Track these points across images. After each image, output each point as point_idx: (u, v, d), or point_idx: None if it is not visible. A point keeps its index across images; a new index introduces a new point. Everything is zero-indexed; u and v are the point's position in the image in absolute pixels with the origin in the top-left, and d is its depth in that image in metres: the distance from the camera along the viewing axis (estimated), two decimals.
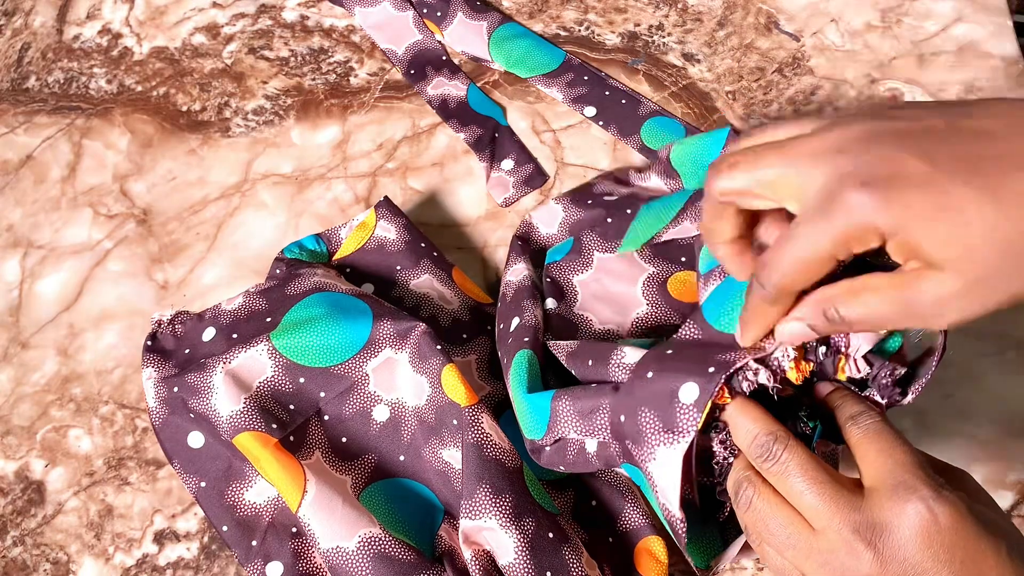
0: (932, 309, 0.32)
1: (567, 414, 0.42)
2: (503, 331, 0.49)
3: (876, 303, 0.33)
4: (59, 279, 0.59)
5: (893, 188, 0.31)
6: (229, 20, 0.69)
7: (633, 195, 0.56)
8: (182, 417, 0.49)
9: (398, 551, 0.44)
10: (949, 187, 0.31)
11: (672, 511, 0.38)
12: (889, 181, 0.31)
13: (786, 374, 0.38)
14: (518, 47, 0.65)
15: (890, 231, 0.31)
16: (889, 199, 0.31)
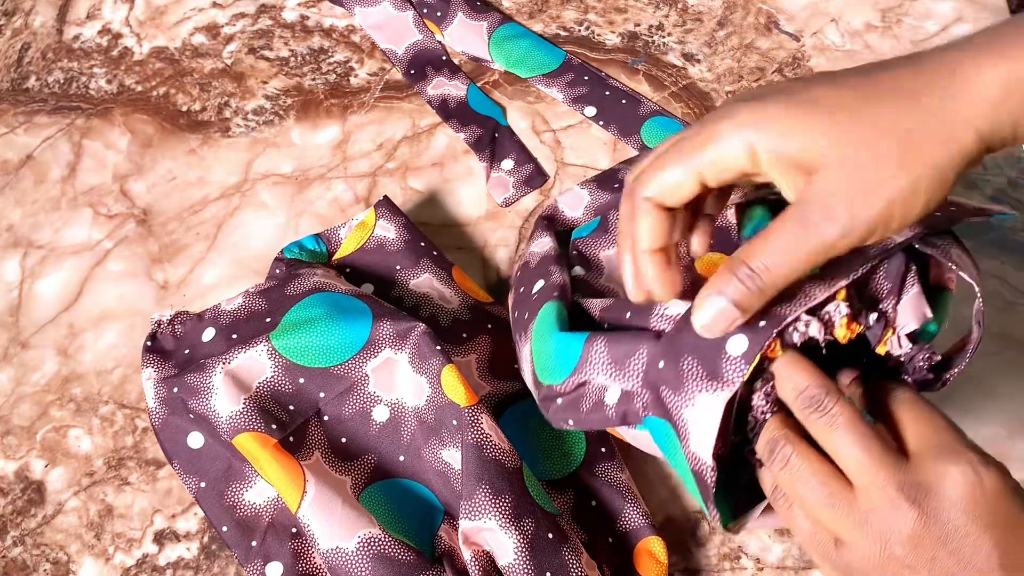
0: (823, 215, 0.31)
1: (599, 357, 0.40)
2: (523, 294, 0.48)
3: (779, 238, 0.32)
4: (59, 279, 0.59)
5: (755, 97, 0.32)
6: (229, 20, 0.69)
7: None
8: (182, 417, 0.49)
9: (398, 552, 0.44)
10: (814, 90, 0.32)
11: (704, 459, 0.36)
12: (752, 93, 0.33)
13: (835, 330, 0.36)
14: (518, 47, 0.65)
15: (756, 136, 0.32)
16: (752, 105, 0.32)
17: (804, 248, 0.32)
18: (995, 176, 0.58)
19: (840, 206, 0.31)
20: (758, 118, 0.32)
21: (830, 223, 0.31)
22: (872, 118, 0.31)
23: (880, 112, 0.31)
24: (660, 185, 0.35)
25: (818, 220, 0.31)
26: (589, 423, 0.41)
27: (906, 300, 0.38)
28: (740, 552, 0.49)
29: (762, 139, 0.32)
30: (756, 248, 0.33)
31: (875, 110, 0.31)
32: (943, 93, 0.31)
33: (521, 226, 0.59)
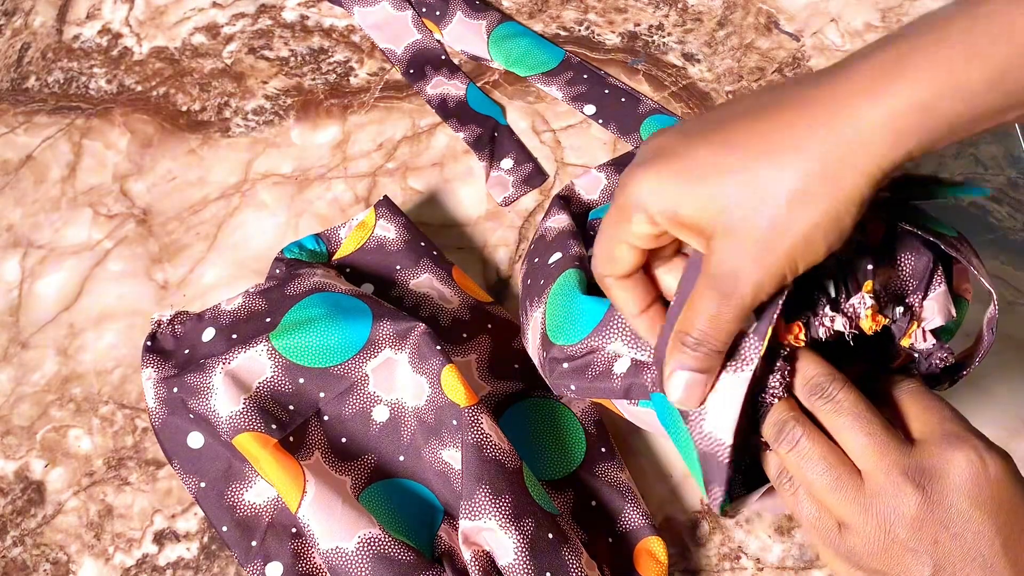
0: (730, 280, 0.32)
1: (620, 324, 0.40)
2: (538, 264, 0.48)
3: (704, 307, 0.34)
4: (59, 279, 0.59)
5: (652, 166, 0.33)
6: (229, 20, 0.69)
7: None
8: (182, 417, 0.49)
9: (398, 552, 0.44)
10: (700, 154, 0.33)
11: (722, 439, 0.35)
12: (646, 157, 0.34)
13: (861, 322, 0.37)
14: (517, 46, 0.65)
15: (656, 208, 0.33)
16: (644, 175, 0.33)
17: (728, 312, 0.33)
18: (995, 176, 0.58)
19: (743, 271, 0.32)
20: (651, 190, 0.33)
21: (740, 285, 0.32)
22: (760, 180, 0.31)
23: (767, 173, 0.31)
24: (604, 263, 0.37)
25: (729, 287, 0.33)
26: (591, 391, 0.41)
27: (933, 297, 0.39)
28: (740, 552, 0.49)
29: (658, 208, 0.33)
30: (690, 319, 0.34)
31: (758, 171, 0.31)
32: (828, 139, 0.30)
33: (521, 226, 0.59)
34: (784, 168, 0.31)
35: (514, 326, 0.54)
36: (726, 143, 0.32)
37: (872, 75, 0.30)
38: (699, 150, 0.33)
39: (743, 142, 0.32)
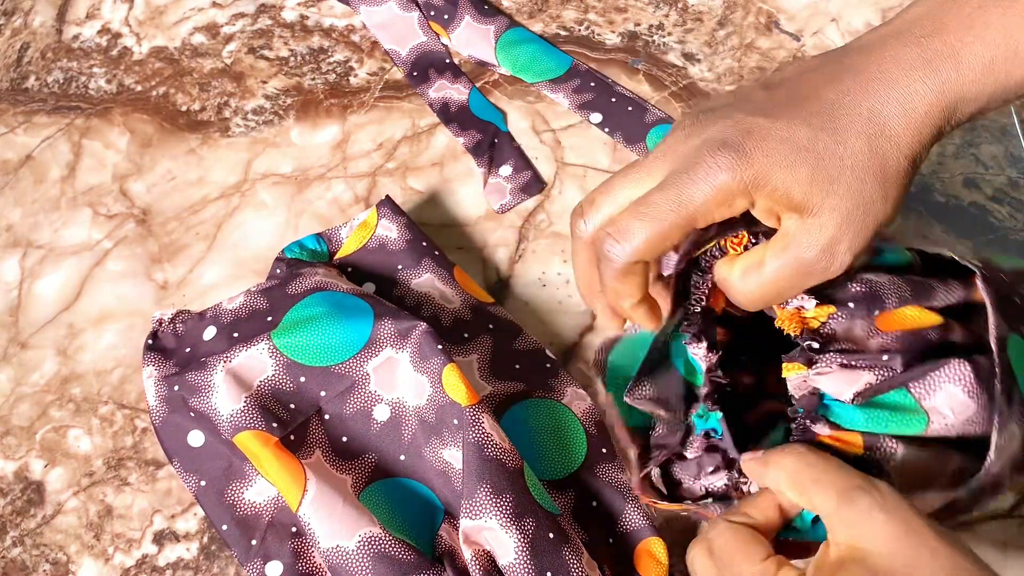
0: (823, 258, 0.33)
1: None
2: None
3: (774, 271, 0.34)
4: (59, 279, 0.59)
5: (748, 143, 0.33)
6: (229, 20, 0.69)
7: None
8: (182, 416, 0.49)
9: (398, 551, 0.44)
10: (793, 132, 0.33)
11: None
12: (742, 139, 0.34)
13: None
14: (525, 52, 0.64)
15: (755, 184, 0.33)
16: (747, 153, 0.33)
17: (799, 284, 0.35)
18: (995, 176, 0.58)
19: (843, 248, 0.33)
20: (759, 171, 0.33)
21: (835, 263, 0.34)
22: (855, 160, 0.33)
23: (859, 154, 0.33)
24: (650, 246, 0.35)
25: (824, 265, 0.34)
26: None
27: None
28: None
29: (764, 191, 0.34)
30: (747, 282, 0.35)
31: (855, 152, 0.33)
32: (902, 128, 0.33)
33: (521, 226, 0.59)
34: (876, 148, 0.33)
35: (515, 327, 0.54)
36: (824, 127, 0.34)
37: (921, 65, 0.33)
38: (797, 128, 0.34)
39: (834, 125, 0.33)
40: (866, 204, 0.33)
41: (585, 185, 0.60)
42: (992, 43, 0.33)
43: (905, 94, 0.33)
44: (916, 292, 0.36)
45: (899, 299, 0.36)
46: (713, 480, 0.38)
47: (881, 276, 0.36)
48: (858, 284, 0.36)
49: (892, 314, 0.36)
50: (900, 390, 0.35)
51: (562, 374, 0.52)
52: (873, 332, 0.36)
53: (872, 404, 0.35)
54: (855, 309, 0.36)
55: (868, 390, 0.35)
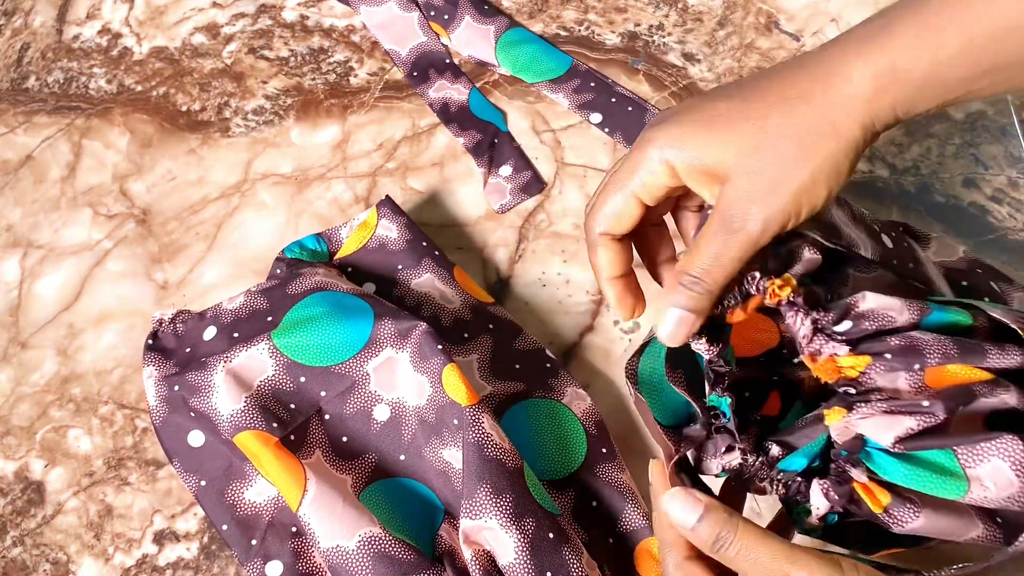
0: (741, 217, 0.35)
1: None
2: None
3: (710, 244, 0.36)
4: (59, 279, 0.59)
5: (670, 118, 0.37)
6: (229, 20, 0.69)
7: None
8: (183, 416, 0.49)
9: (398, 551, 0.44)
10: (714, 105, 0.36)
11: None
12: (667, 115, 0.37)
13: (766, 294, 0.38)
14: (525, 52, 0.64)
15: (672, 151, 0.36)
16: (665, 126, 0.36)
17: (733, 248, 0.35)
18: (995, 176, 0.58)
19: (754, 207, 0.35)
20: (674, 139, 0.36)
21: (749, 222, 0.35)
22: (769, 126, 0.35)
23: (775, 119, 0.35)
24: (606, 217, 0.39)
25: (739, 223, 0.35)
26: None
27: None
28: None
29: (679, 157, 0.36)
30: (692, 258, 0.36)
31: (771, 118, 0.35)
32: (825, 93, 0.34)
33: (521, 226, 0.59)
34: (794, 115, 0.34)
35: (515, 327, 0.54)
36: (742, 97, 0.36)
37: (861, 40, 0.35)
38: (718, 103, 0.36)
39: (758, 96, 0.36)
40: (782, 170, 0.34)
41: (585, 185, 0.60)
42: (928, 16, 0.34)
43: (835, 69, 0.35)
44: (963, 351, 0.36)
45: (943, 356, 0.35)
46: (728, 459, 0.39)
47: (926, 334, 0.36)
48: (897, 338, 0.36)
49: (940, 370, 0.36)
50: (947, 452, 0.34)
51: (562, 374, 0.52)
52: (921, 387, 0.36)
53: (914, 459, 0.35)
54: (893, 361, 0.36)
55: (910, 436, 0.35)
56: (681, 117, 0.37)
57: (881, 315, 0.36)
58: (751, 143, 0.35)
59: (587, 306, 0.56)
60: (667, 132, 0.36)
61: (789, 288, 0.37)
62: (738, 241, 0.35)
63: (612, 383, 0.53)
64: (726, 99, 0.36)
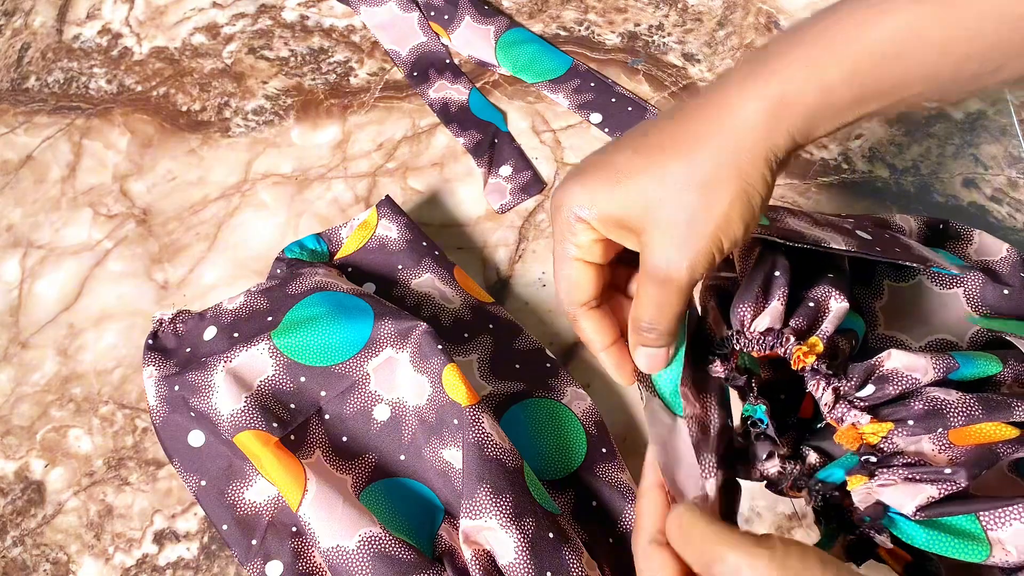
0: (664, 267, 0.35)
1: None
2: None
3: (648, 296, 0.36)
4: (59, 279, 0.59)
5: (574, 178, 0.37)
6: (229, 20, 0.69)
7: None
8: (183, 416, 0.49)
9: (398, 550, 0.44)
10: (615, 157, 0.36)
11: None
12: (572, 174, 0.37)
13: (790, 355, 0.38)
14: (525, 52, 0.64)
15: (587, 213, 0.36)
16: (572, 187, 0.36)
17: (669, 295, 0.36)
18: (995, 176, 0.58)
19: (675, 255, 0.35)
20: (581, 198, 0.36)
21: (673, 272, 0.35)
22: (670, 179, 0.35)
23: (675, 170, 0.34)
24: (569, 290, 0.39)
25: (663, 273, 0.35)
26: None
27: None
28: None
29: (591, 215, 0.36)
30: (638, 309, 0.37)
31: (671, 169, 0.35)
32: (720, 134, 0.34)
33: (521, 226, 0.59)
34: (692, 162, 0.34)
35: (515, 327, 0.54)
36: (640, 148, 0.36)
37: (748, 75, 0.35)
38: (617, 157, 0.36)
39: (654, 144, 0.36)
40: (692, 220, 0.34)
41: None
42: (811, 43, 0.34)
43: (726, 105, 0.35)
44: (988, 409, 0.36)
45: (967, 418, 0.36)
46: (768, 466, 0.39)
47: (951, 393, 0.36)
48: (920, 402, 0.36)
49: (965, 429, 0.36)
50: (970, 516, 0.35)
51: (562, 374, 0.52)
52: (945, 447, 0.36)
53: (937, 524, 0.35)
54: (915, 426, 0.36)
55: (931, 504, 0.35)
56: (585, 175, 0.37)
57: (905, 377, 0.37)
58: (656, 197, 0.35)
59: None
60: (573, 192, 0.36)
61: (814, 357, 0.37)
62: (669, 290, 0.35)
63: (612, 383, 0.53)
64: (629, 151, 0.36)
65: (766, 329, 0.38)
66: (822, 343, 0.38)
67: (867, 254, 0.40)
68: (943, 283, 0.45)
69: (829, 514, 0.38)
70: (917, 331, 0.45)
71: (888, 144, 0.60)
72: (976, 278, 0.45)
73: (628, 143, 0.36)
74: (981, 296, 0.44)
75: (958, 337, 0.44)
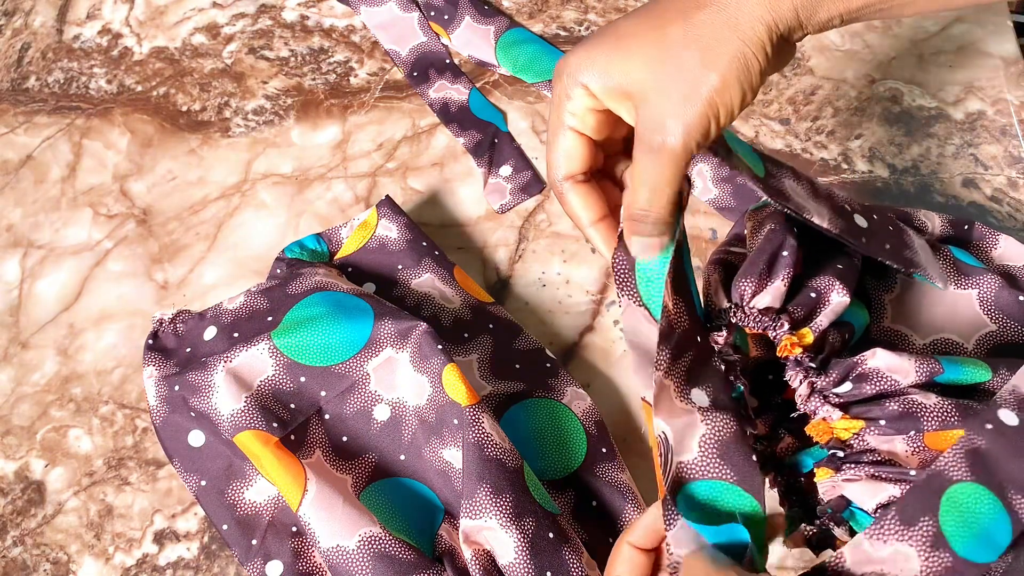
0: (660, 133, 0.35)
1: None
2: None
3: (641, 172, 0.36)
4: (59, 279, 0.59)
5: (582, 44, 0.37)
6: (229, 20, 0.69)
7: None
8: (183, 416, 0.49)
9: (398, 550, 0.44)
10: (617, 26, 0.36)
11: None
12: (579, 44, 0.37)
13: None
14: (524, 52, 0.64)
15: (583, 74, 0.36)
16: (577, 53, 0.37)
17: (664, 169, 0.35)
18: (995, 176, 0.58)
19: (670, 120, 0.34)
20: (585, 62, 0.36)
21: (669, 137, 0.34)
22: (670, 37, 0.35)
23: (676, 29, 0.35)
24: (560, 160, 0.39)
25: (658, 140, 0.35)
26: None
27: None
28: None
29: (592, 79, 0.36)
30: (632, 193, 0.36)
31: (672, 29, 0.35)
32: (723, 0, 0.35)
33: (521, 226, 0.59)
34: (693, 23, 0.34)
35: (515, 327, 0.54)
36: (643, 14, 0.36)
37: None
38: (621, 23, 0.37)
39: (658, 11, 0.36)
40: (690, 79, 0.34)
41: None
42: None
43: None
44: (965, 416, 0.36)
45: (941, 423, 0.36)
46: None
47: (930, 397, 0.36)
48: (896, 402, 0.36)
49: (941, 433, 0.36)
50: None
51: (562, 374, 0.52)
52: (918, 448, 0.36)
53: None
54: (887, 427, 0.36)
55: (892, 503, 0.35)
56: (591, 41, 0.37)
57: (884, 377, 0.37)
58: (656, 57, 0.35)
59: (587, 306, 0.56)
60: (578, 57, 0.37)
61: (800, 348, 0.37)
62: (663, 160, 0.35)
63: (612, 383, 0.53)
64: (633, 18, 0.36)
65: (765, 308, 0.38)
66: (812, 335, 0.38)
67: (846, 239, 0.39)
68: (958, 283, 0.45)
69: (792, 499, 0.39)
70: (924, 328, 0.45)
71: (888, 144, 0.60)
72: (992, 281, 0.45)
73: (634, 12, 0.37)
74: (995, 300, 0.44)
75: (964, 339, 0.44)
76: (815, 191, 0.42)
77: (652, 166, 0.35)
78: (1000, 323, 0.44)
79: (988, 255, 0.48)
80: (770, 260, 0.39)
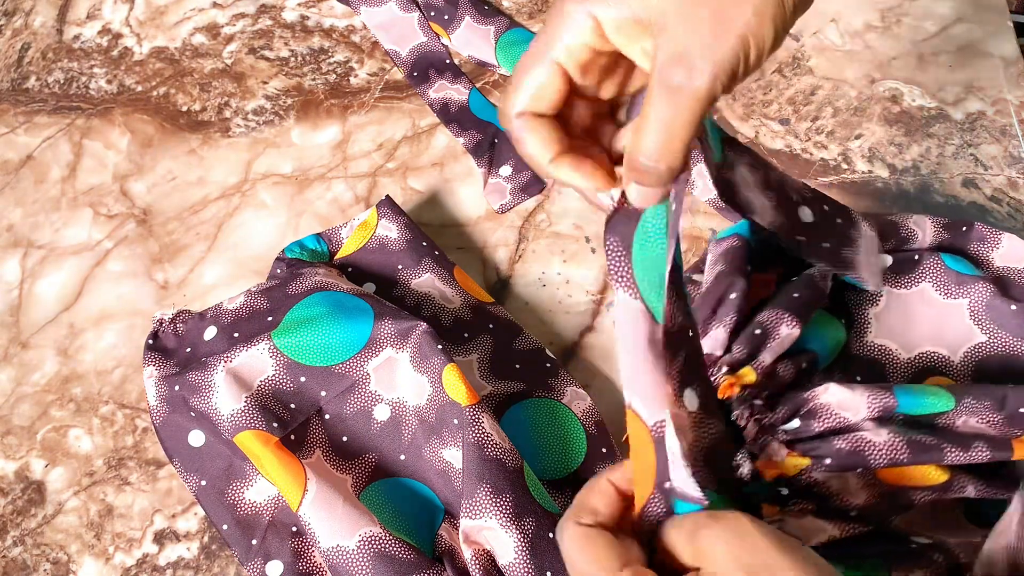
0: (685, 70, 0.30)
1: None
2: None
3: (651, 111, 0.31)
4: (59, 279, 0.59)
5: None
6: (229, 20, 0.69)
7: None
8: (183, 416, 0.49)
9: (398, 550, 0.44)
10: None
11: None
12: None
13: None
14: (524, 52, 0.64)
15: (599, 8, 0.31)
16: None
17: (683, 111, 0.30)
18: (995, 176, 0.58)
19: (697, 57, 0.30)
20: None
21: (695, 76, 0.30)
22: None
23: None
24: (526, 93, 0.34)
25: (683, 78, 0.30)
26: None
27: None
28: None
29: (605, 9, 0.31)
30: (641, 136, 0.31)
31: None
32: None
33: (521, 226, 0.59)
34: None
35: (515, 327, 0.54)
36: None
37: None
38: None
39: None
40: (722, 11, 0.30)
41: None
42: None
43: None
44: (915, 452, 0.36)
45: (890, 462, 0.35)
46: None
47: (881, 434, 0.36)
48: (844, 440, 0.36)
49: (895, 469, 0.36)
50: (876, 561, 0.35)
51: (562, 374, 0.52)
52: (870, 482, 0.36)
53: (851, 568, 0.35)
54: (832, 465, 0.36)
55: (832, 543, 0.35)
56: None
57: (833, 415, 0.36)
58: None
59: (587, 306, 0.56)
60: None
61: (738, 388, 0.37)
62: (684, 100, 0.30)
63: (612, 383, 0.53)
64: None
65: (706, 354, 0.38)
66: (755, 374, 0.37)
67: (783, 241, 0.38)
68: (948, 292, 0.45)
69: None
70: (910, 342, 0.45)
71: (888, 144, 0.60)
72: (984, 290, 0.44)
73: None
74: (986, 309, 0.44)
75: (951, 351, 0.44)
76: (767, 181, 0.40)
77: (669, 107, 0.30)
78: (990, 334, 0.44)
79: (988, 257, 0.48)
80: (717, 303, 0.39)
